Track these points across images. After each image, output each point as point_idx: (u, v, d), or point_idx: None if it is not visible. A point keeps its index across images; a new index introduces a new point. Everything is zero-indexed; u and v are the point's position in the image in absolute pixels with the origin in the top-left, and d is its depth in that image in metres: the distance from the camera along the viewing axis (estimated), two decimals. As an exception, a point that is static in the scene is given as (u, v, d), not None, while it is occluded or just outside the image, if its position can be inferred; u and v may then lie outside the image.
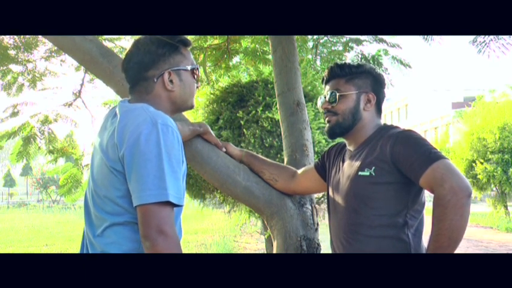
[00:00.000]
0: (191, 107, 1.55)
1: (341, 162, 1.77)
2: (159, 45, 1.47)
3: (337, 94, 1.71)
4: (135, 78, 1.48)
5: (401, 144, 1.56)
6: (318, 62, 5.30)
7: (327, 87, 1.77)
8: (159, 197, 1.25)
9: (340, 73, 1.73)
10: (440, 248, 1.43)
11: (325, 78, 1.79)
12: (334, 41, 5.12)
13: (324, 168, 1.89)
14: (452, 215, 1.40)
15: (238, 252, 8.90)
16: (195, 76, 1.53)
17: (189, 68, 1.51)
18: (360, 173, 1.62)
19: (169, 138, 1.30)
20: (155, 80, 1.46)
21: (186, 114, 5.08)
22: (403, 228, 1.57)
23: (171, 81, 1.47)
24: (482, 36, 2.75)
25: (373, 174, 1.59)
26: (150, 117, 1.31)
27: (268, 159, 2.14)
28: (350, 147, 1.76)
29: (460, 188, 1.41)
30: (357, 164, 1.65)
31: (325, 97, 1.75)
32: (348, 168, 1.69)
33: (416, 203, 1.60)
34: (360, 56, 5.04)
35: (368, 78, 1.74)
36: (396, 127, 1.69)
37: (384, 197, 1.59)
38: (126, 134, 1.31)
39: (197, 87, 1.56)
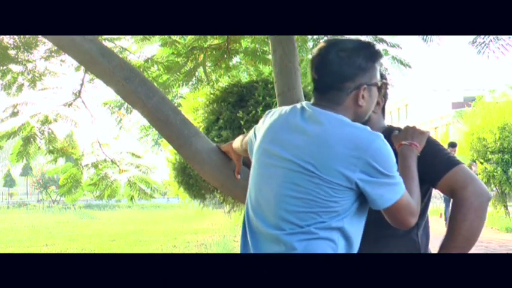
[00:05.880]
0: (366, 121, 1.48)
1: None
2: (364, 58, 1.40)
3: None
4: (328, 86, 1.41)
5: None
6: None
7: None
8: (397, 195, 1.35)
9: None
10: (456, 248, 1.47)
11: None
12: (334, 41, 5.12)
13: None
14: (473, 216, 1.45)
15: (238, 252, 8.87)
16: (381, 90, 1.47)
17: (379, 83, 1.44)
18: None
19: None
20: (349, 93, 1.39)
21: (185, 113, 5.07)
22: (413, 228, 1.55)
23: (362, 96, 1.40)
24: (482, 36, 2.75)
25: None
26: (369, 131, 1.32)
27: None
28: None
29: (482, 192, 1.48)
30: None
31: None
32: None
33: (423, 203, 1.59)
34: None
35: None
36: (400, 129, 1.68)
37: None
38: (358, 149, 1.30)
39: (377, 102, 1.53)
